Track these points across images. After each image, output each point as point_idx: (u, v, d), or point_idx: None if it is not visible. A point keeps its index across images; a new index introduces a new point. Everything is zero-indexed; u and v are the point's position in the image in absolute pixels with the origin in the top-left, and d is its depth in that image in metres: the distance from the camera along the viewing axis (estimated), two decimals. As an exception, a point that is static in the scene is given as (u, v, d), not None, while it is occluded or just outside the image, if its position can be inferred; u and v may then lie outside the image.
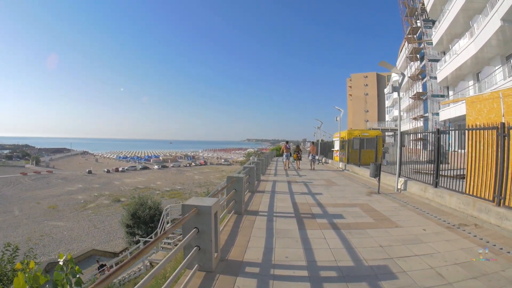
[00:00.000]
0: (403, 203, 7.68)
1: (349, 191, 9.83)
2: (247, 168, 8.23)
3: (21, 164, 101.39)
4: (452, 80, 24.23)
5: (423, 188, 8.45)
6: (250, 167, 8.35)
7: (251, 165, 8.95)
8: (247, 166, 8.41)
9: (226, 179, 6.18)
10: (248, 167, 8.31)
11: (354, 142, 16.90)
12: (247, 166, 8.49)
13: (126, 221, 24.01)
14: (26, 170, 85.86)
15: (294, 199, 7.93)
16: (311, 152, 19.89)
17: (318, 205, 7.36)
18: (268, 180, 12.29)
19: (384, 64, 10.13)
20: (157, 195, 55.78)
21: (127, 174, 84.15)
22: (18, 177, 73.43)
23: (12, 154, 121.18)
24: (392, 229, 5.39)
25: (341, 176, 14.30)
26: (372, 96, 71.04)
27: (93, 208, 47.74)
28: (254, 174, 8.62)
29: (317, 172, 16.73)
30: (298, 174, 15.09)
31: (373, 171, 9.00)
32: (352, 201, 7.95)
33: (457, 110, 20.88)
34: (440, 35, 24.11)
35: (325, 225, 5.57)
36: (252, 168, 8.31)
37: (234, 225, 5.51)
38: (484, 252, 4.05)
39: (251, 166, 8.38)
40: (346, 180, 12.91)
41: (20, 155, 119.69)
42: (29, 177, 74.10)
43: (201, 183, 67.21)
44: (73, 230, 36.99)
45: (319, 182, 11.95)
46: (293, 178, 13.53)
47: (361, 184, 11.61)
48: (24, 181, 69.68)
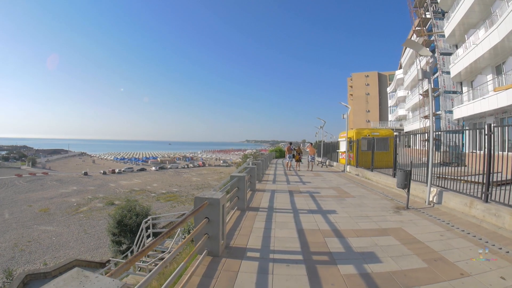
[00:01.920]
0: (446, 226, 5.65)
1: (369, 205, 7.72)
2: (235, 178, 6.18)
3: (17, 165, 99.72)
4: (466, 75, 22.23)
5: (467, 202, 6.44)
6: (239, 176, 6.28)
7: (241, 173, 6.87)
8: (235, 175, 6.33)
9: (195, 200, 4.06)
10: (236, 176, 6.26)
11: (364, 142, 14.85)
12: (235, 175, 6.39)
13: (112, 229, 22.20)
14: (21, 171, 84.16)
15: (300, 224, 5.77)
16: (309, 153, 20.32)
17: (335, 233, 5.24)
18: (265, 189, 10.15)
19: (410, 43, 8.17)
20: (153, 198, 54.34)
21: (124, 176, 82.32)
22: (12, 179, 71.72)
23: (8, 156, 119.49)
24: (459, 281, 3.35)
25: (351, 183, 12.20)
26: (374, 96, 69.29)
27: (86, 211, 46.37)
28: (245, 187, 6.55)
29: (323, 177, 14.62)
30: (301, 181, 12.97)
31: (402, 181, 6.94)
32: (380, 224, 5.83)
33: (476, 107, 18.91)
34: (453, 26, 22.13)
35: (356, 281, 3.41)
36: (241, 178, 6.25)
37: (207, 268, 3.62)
38: None
39: (241, 175, 6.30)
40: (360, 188, 10.82)
41: (17, 156, 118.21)
42: (24, 179, 72.33)
43: (198, 185, 65.31)
44: (62, 235, 35.57)
45: (328, 192, 9.83)
46: (295, 186, 11.37)
47: (379, 193, 9.55)
48: (18, 183, 67.91)
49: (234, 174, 6.45)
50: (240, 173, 6.44)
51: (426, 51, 7.70)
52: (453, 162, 11.07)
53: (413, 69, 36.30)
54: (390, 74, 68.18)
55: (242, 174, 6.35)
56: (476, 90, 19.83)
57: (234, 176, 6.33)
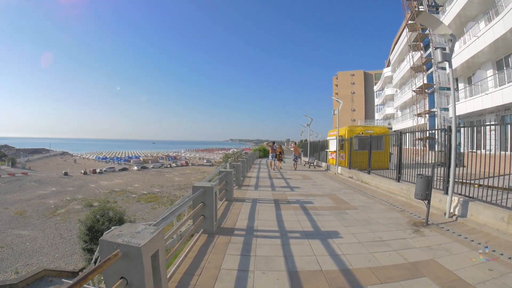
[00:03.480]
0: (491, 253, 4.01)
1: (379, 221, 5.95)
2: (199, 191, 4.37)
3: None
4: (463, 71, 21.06)
5: (504, 217, 4.87)
6: (205, 187, 4.47)
7: (211, 181, 5.09)
8: (199, 186, 4.49)
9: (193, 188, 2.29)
10: (201, 188, 4.47)
11: (359, 141, 13.27)
12: (200, 185, 4.53)
13: (82, 236, 20.21)
14: (1, 172, 79.08)
15: (293, 260, 3.87)
16: (294, 153, 20.24)
17: (346, 276, 3.42)
18: (245, 199, 8.24)
19: (424, 18, 6.60)
20: (133, 199, 51.92)
21: (105, 176, 78.82)
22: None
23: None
24: None
25: (347, 188, 10.47)
26: (359, 95, 68.89)
27: (63, 214, 43.78)
28: (214, 202, 4.62)
29: (313, 180, 12.82)
30: (289, 186, 11.13)
31: (423, 190, 5.21)
32: (404, 254, 4.07)
33: (476, 104, 17.72)
34: (450, 18, 20.94)
35: None
36: (208, 190, 4.41)
37: None
38: None
39: (207, 187, 4.47)
40: (358, 195, 9.07)
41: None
42: (2, 180, 67.89)
43: (181, 185, 62.91)
44: (37, 240, 33.15)
45: (323, 202, 8.01)
46: (282, 193, 9.42)
47: (384, 202, 7.84)
48: (-5, 184, 63.92)
49: (198, 184, 4.60)
50: (206, 184, 4.62)
51: (445, 28, 6.12)
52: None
53: (403, 66, 35.21)
54: (376, 73, 67.60)
55: (209, 185, 4.52)
56: (476, 86, 18.61)
57: (197, 187, 4.52)
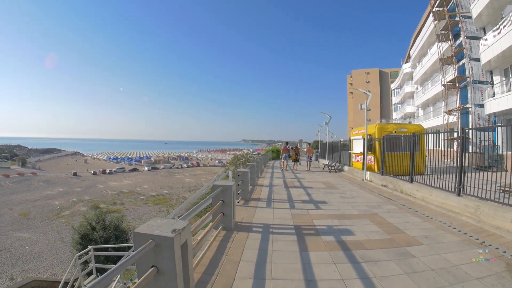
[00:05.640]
0: None
1: (463, 268, 3.63)
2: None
3: (7, 165, 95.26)
4: (498, 61, 18.51)
5: None
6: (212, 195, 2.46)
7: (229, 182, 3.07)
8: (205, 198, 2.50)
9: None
10: (213, 196, 2.44)
11: (394, 140, 10.95)
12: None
13: (75, 245, 18.42)
14: (10, 171, 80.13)
15: None
16: (307, 153, 20.82)
17: None
18: (252, 224, 5.83)
19: None
20: (141, 201, 50.47)
21: (114, 176, 78.40)
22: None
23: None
24: None
25: (389, 204, 7.92)
26: (375, 94, 66.09)
27: (67, 216, 42.71)
28: (232, 204, 2.65)
29: (340, 190, 10.37)
30: (312, 200, 8.65)
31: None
32: None
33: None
34: (485, 2, 18.48)
35: None
36: (228, 189, 2.62)
37: None
38: None
39: (214, 195, 2.47)
40: (410, 215, 6.55)
41: (8, 156, 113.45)
42: (11, 180, 68.51)
43: (191, 186, 61.24)
44: (37, 244, 31.99)
45: (367, 230, 5.52)
46: (304, 213, 6.85)
47: (449, 227, 5.49)
48: (4, 183, 64.06)
49: (217, 183, 4.70)
50: (225, 183, 3.09)
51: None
52: (492, 166, 8.29)
53: (425, 60, 32.50)
54: (392, 71, 64.89)
55: (229, 184, 4.59)
56: None
57: (217, 185, 4.50)
